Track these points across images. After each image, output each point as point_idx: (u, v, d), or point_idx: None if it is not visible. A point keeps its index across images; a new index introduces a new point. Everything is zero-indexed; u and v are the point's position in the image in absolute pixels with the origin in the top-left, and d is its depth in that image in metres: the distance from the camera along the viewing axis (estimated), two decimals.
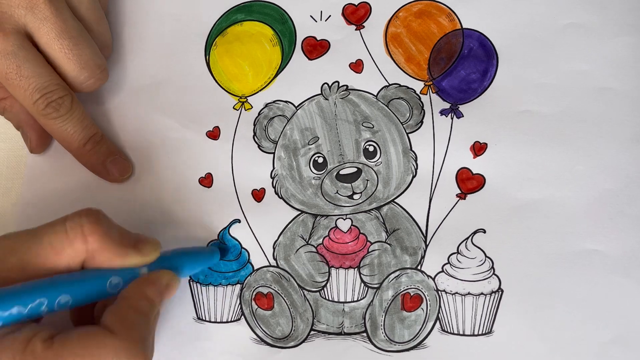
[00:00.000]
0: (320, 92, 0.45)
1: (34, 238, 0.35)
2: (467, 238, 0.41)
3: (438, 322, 0.40)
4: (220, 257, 0.42)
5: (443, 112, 0.44)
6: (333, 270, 0.42)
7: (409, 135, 0.43)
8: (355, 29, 0.46)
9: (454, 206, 0.42)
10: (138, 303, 0.36)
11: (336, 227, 0.43)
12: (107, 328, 0.34)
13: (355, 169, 0.43)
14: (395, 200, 0.42)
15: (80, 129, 0.43)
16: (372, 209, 0.43)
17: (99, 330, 0.34)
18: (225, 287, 0.42)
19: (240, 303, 0.42)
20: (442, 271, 0.41)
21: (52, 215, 0.44)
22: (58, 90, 0.42)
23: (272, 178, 0.44)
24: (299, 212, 0.43)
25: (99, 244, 0.35)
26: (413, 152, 0.43)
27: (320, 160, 0.43)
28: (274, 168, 0.44)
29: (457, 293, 0.40)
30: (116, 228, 0.37)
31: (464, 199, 0.42)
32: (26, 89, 0.41)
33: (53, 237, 0.35)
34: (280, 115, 0.45)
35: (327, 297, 0.42)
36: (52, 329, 0.34)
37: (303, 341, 0.41)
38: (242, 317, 0.42)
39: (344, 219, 0.43)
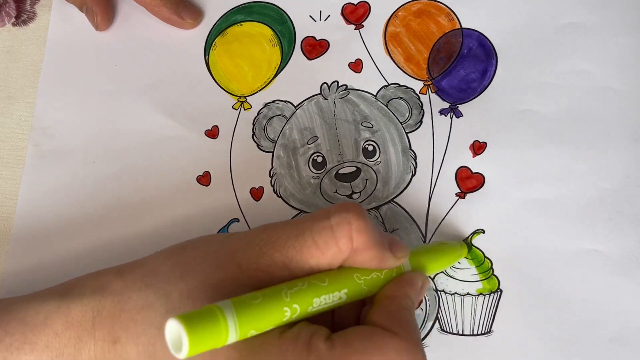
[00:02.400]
0: (319, 92, 0.45)
1: (296, 233, 0.33)
2: (467, 238, 0.41)
3: (437, 322, 0.40)
4: (468, 250, 0.40)
5: (442, 112, 0.44)
6: None
7: (408, 134, 0.43)
8: (355, 29, 0.46)
9: (454, 205, 0.42)
10: (406, 303, 0.34)
11: None
12: (384, 328, 0.32)
13: (354, 168, 0.43)
14: (394, 200, 0.42)
15: None
16: (371, 209, 0.42)
17: (379, 330, 0.32)
18: None
19: None
20: (442, 271, 0.41)
21: (52, 216, 0.44)
22: None
23: (271, 177, 0.44)
24: (298, 212, 0.43)
25: (364, 242, 0.33)
26: (412, 151, 0.43)
27: (320, 159, 0.43)
28: (272, 167, 0.44)
29: (456, 293, 0.40)
30: (376, 226, 0.34)
31: (464, 198, 0.42)
32: None
33: (317, 234, 0.33)
34: (279, 115, 0.45)
35: None
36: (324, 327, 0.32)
37: None
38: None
39: None
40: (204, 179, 0.44)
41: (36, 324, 0.35)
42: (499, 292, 0.40)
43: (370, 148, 0.43)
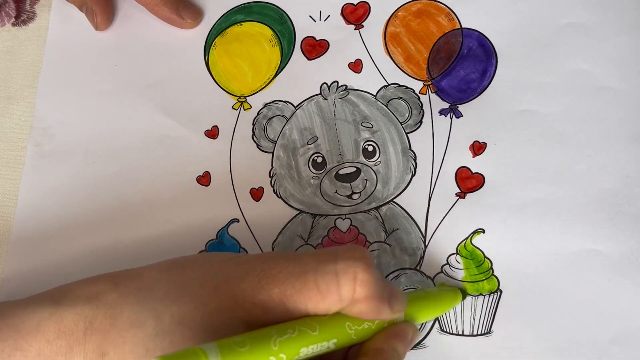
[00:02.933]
0: (319, 92, 0.45)
1: (299, 271, 0.33)
2: (466, 238, 0.41)
3: (437, 322, 0.40)
4: (463, 298, 0.40)
5: (442, 112, 0.44)
6: None
7: (408, 135, 0.43)
8: (355, 29, 0.46)
9: (454, 205, 0.42)
10: (394, 358, 0.33)
11: (335, 227, 0.42)
12: None
13: (354, 169, 0.43)
14: (394, 200, 0.42)
15: None
16: (371, 209, 0.42)
17: None
18: None
19: None
20: (441, 272, 0.41)
21: (52, 216, 0.44)
22: None
23: (271, 177, 0.44)
24: (298, 212, 0.43)
25: (365, 295, 0.32)
26: (412, 151, 0.43)
27: (319, 159, 0.43)
28: (272, 167, 0.44)
29: None
30: (381, 277, 0.34)
31: (464, 198, 0.42)
32: None
33: (320, 278, 0.32)
34: (279, 115, 0.45)
35: None
36: None
37: None
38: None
39: (343, 219, 0.42)
40: (204, 179, 0.44)
41: (28, 331, 0.35)
42: (499, 292, 0.40)
43: (370, 148, 0.43)
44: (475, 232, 0.41)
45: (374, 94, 0.45)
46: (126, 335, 0.33)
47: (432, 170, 0.42)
